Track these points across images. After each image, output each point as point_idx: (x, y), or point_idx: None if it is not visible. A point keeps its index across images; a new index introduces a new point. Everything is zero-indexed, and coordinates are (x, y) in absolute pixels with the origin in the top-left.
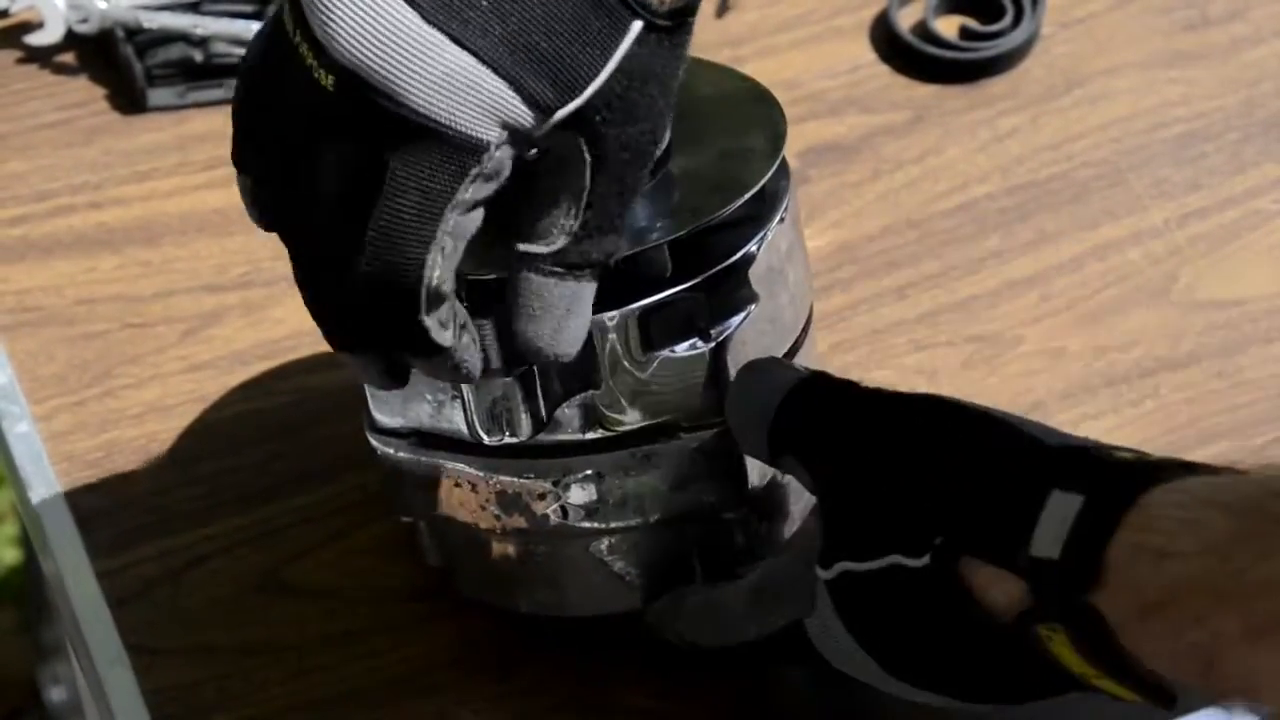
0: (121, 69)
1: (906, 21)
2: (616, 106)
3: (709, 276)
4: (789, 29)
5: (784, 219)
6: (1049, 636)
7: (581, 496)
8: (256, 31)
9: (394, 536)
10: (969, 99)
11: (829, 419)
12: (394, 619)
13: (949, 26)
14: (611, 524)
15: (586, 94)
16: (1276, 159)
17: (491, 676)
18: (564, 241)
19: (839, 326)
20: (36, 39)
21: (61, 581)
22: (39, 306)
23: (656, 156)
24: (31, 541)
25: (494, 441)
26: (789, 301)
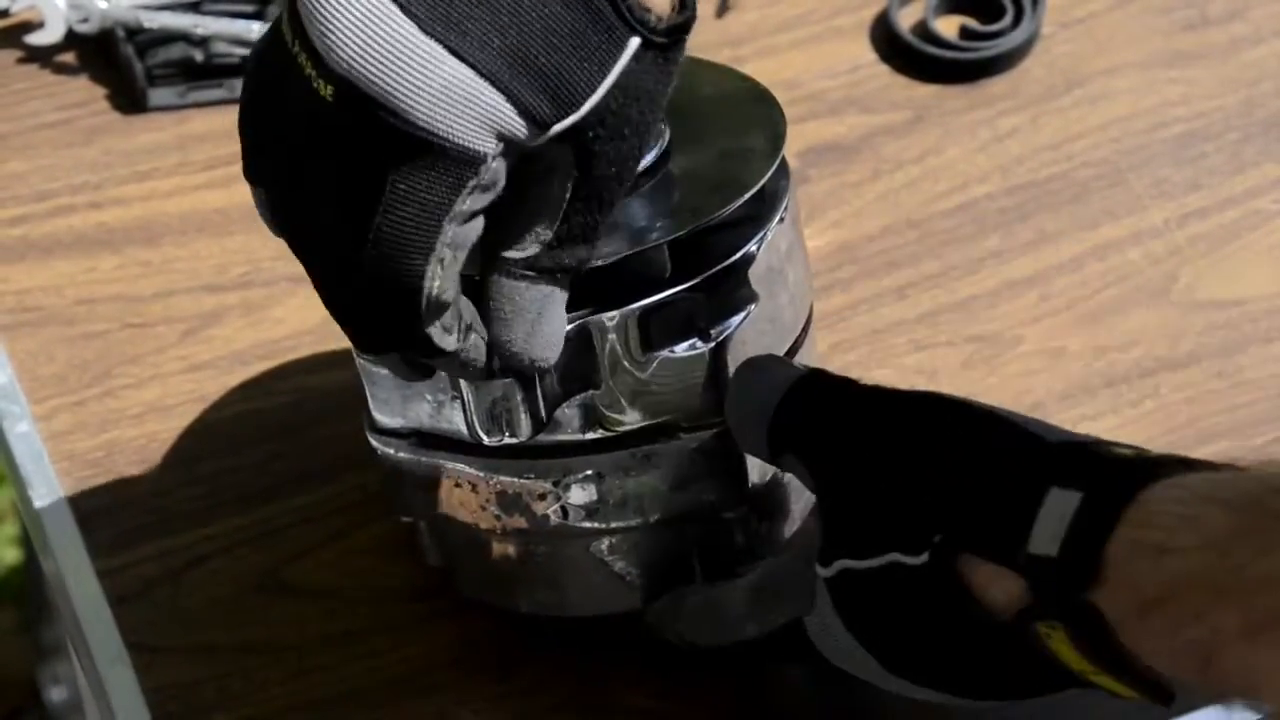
0: (122, 69)
1: (906, 21)
2: (610, 123)
3: (709, 276)
4: (789, 29)
5: (784, 219)
6: (1048, 634)
7: (582, 497)
8: (256, 42)
9: (394, 536)
10: (969, 99)
11: (828, 416)
12: (394, 619)
13: (949, 26)
14: (612, 524)
15: (583, 110)
16: (1276, 159)
17: (491, 676)
18: (537, 249)
19: (839, 326)
20: (37, 39)
21: (62, 581)
22: (39, 306)
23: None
24: (32, 541)
25: (494, 442)
26: (789, 301)
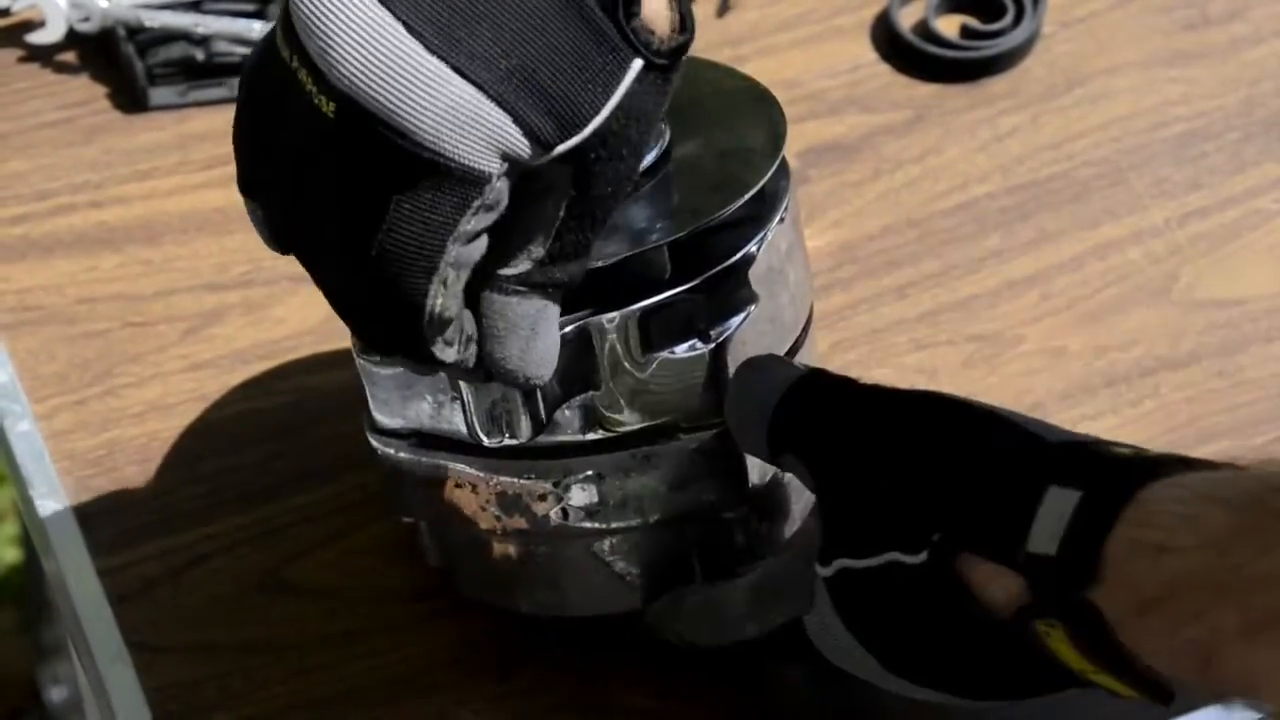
0: (123, 68)
1: (907, 21)
2: (611, 143)
3: (709, 277)
4: (789, 28)
5: (784, 219)
6: (1047, 632)
7: (582, 497)
8: (248, 55)
9: (394, 536)
10: (969, 98)
11: (828, 415)
12: (394, 619)
13: (950, 26)
14: (612, 524)
15: (587, 131)
16: (1276, 159)
17: (491, 676)
18: (529, 266)
19: (839, 326)
20: (38, 38)
21: (63, 580)
22: (40, 305)
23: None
24: (32, 540)
25: (494, 443)
26: (789, 301)
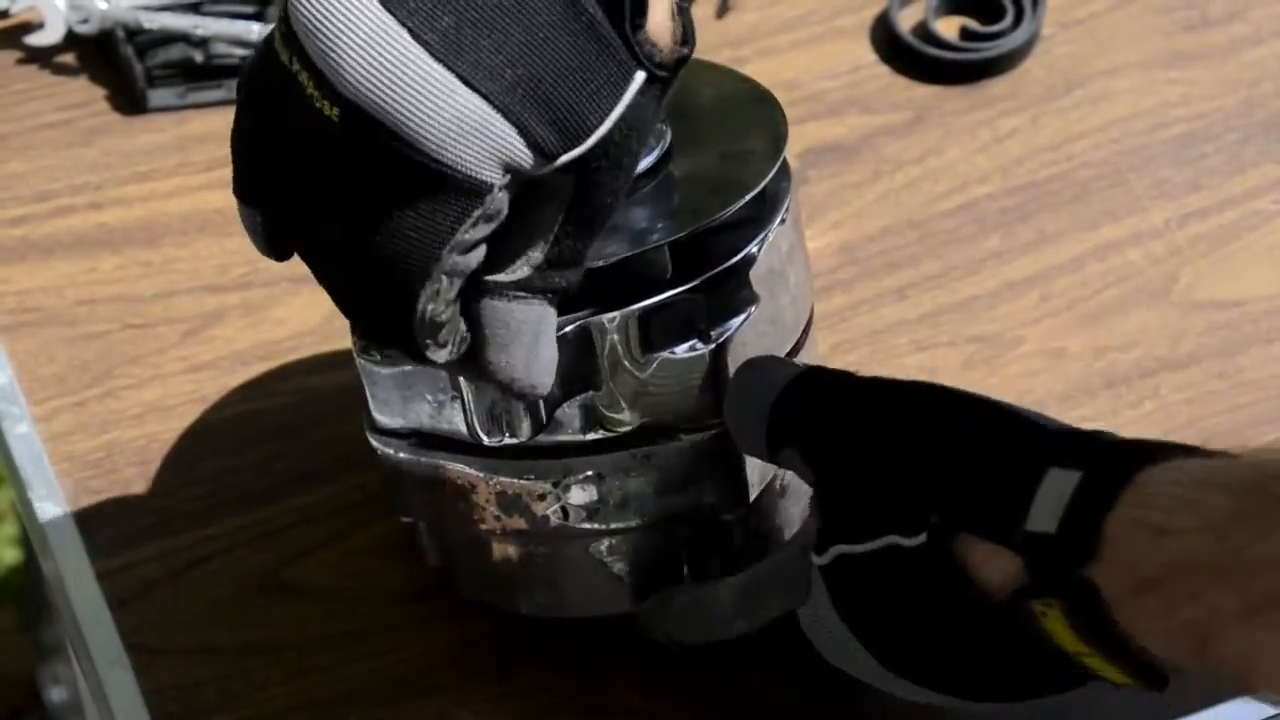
0: (122, 69)
1: (907, 22)
2: (613, 154)
3: (709, 278)
4: (789, 29)
5: (785, 220)
6: (1043, 612)
7: (582, 497)
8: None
9: (394, 537)
10: (969, 100)
11: (826, 406)
12: (394, 619)
13: (949, 27)
14: (612, 525)
15: (590, 142)
16: (1276, 159)
17: (491, 677)
18: (528, 271)
19: (840, 327)
20: (37, 39)
21: (62, 582)
22: (39, 307)
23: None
24: (31, 542)
25: (494, 442)
26: (790, 303)
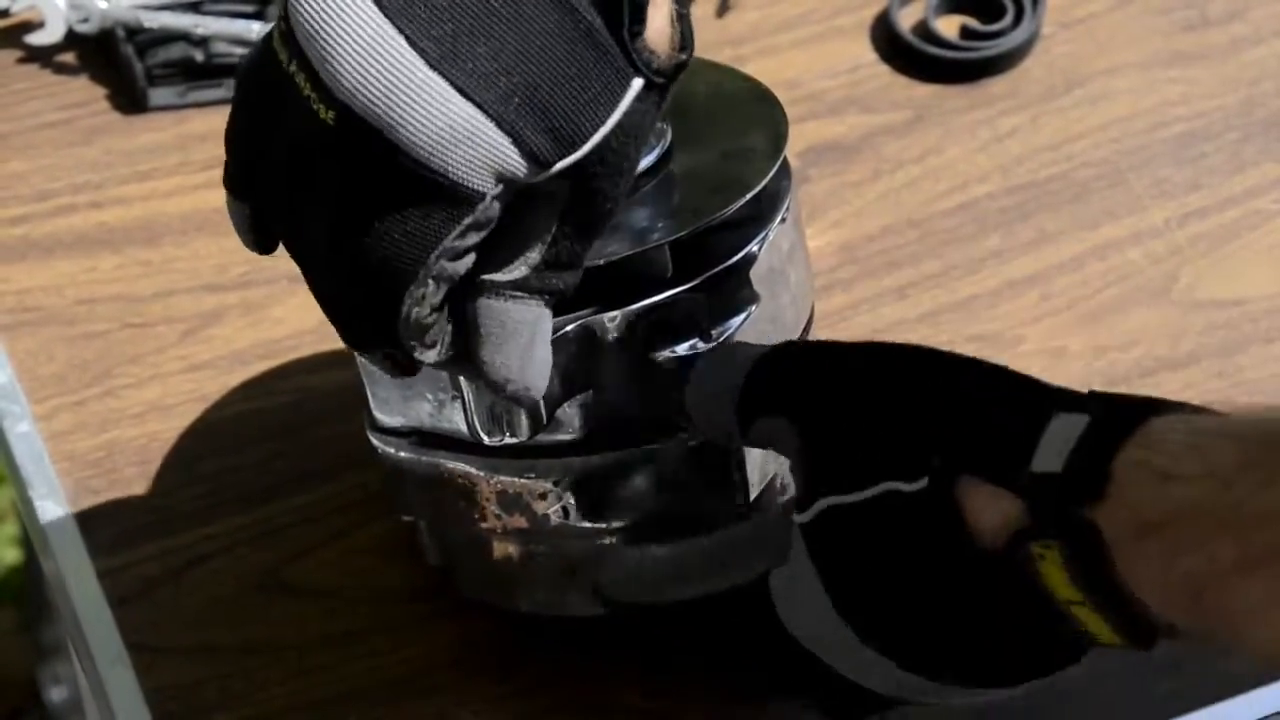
0: (122, 69)
1: (907, 21)
2: (610, 160)
3: (710, 277)
4: (790, 28)
5: (785, 219)
6: (1041, 555)
7: (583, 496)
8: (244, 58)
9: (394, 536)
10: (969, 99)
11: (814, 367)
12: (394, 619)
13: (949, 26)
14: (612, 524)
15: (586, 149)
16: (1276, 159)
17: (491, 677)
18: (525, 272)
19: (840, 326)
20: (37, 39)
21: (62, 581)
22: (39, 306)
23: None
24: (32, 541)
25: (494, 441)
26: (790, 302)
